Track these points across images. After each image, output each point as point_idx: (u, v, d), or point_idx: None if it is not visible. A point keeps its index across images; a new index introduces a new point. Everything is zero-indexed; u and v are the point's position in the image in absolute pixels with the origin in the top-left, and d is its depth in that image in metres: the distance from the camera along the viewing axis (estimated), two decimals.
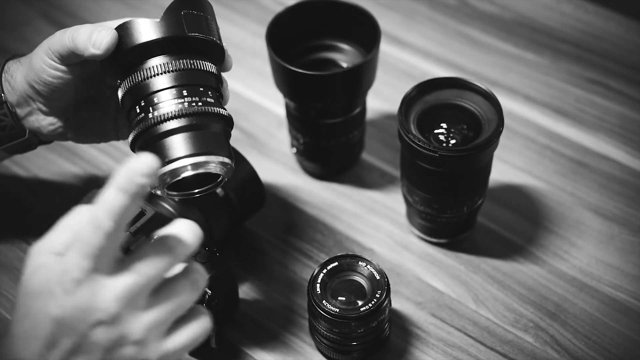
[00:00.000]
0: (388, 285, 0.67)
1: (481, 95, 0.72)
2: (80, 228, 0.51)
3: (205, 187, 0.63)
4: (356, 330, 0.67)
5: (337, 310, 0.66)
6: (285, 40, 0.77)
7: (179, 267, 0.53)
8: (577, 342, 0.72)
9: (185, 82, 0.60)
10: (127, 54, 0.60)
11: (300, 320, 0.73)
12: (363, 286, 0.68)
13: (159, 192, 0.61)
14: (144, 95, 0.60)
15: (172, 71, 0.60)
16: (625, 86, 0.91)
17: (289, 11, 0.77)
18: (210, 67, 0.62)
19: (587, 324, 0.73)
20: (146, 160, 0.49)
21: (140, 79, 0.60)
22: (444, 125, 0.72)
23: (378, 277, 0.68)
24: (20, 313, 0.52)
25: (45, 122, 0.68)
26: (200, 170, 0.59)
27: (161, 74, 0.60)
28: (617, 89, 0.91)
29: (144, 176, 0.49)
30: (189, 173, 0.59)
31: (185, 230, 0.53)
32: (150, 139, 0.59)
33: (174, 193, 0.62)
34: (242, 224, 0.78)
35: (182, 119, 0.59)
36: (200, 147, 0.58)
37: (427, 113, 0.72)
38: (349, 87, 0.75)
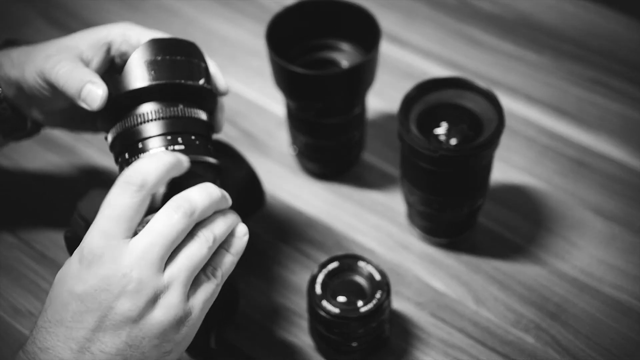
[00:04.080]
0: (388, 285, 0.67)
1: (482, 95, 0.72)
2: (111, 195, 0.54)
3: None
4: (356, 331, 0.67)
5: (337, 310, 0.66)
6: (285, 40, 0.76)
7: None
8: (578, 343, 0.72)
9: (168, 131, 0.60)
10: (117, 100, 0.60)
11: (300, 320, 0.73)
12: (363, 286, 0.68)
13: None
14: (134, 140, 0.60)
15: (162, 118, 0.60)
16: (626, 86, 0.91)
17: (289, 11, 0.77)
18: (201, 114, 0.62)
19: (588, 325, 0.73)
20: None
21: (130, 124, 0.60)
22: (444, 125, 0.72)
23: (378, 278, 0.68)
24: (45, 307, 0.54)
25: (41, 117, 0.69)
26: None
27: (151, 120, 0.60)
28: (619, 88, 0.91)
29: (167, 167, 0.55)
30: None
31: (197, 190, 0.57)
32: None
33: None
34: None
35: None
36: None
37: (427, 113, 0.71)
38: (349, 87, 0.74)
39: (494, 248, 0.78)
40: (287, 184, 0.84)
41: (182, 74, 0.61)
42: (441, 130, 0.72)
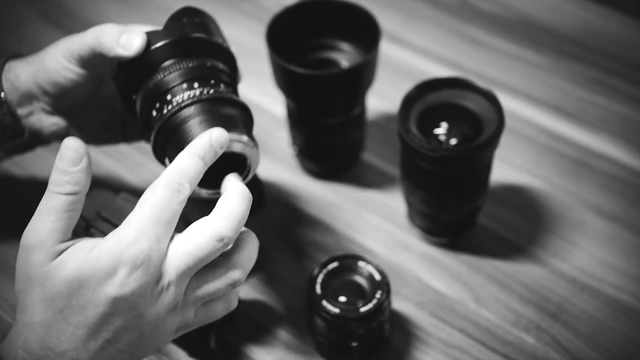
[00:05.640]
0: (388, 285, 0.67)
1: (482, 94, 0.72)
2: (152, 196, 0.53)
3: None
4: (356, 331, 0.66)
5: (337, 310, 0.66)
6: (285, 40, 0.76)
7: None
8: (579, 343, 0.72)
9: (196, 76, 0.61)
10: (140, 59, 0.61)
11: (300, 320, 0.73)
12: (363, 286, 0.68)
13: (197, 195, 0.60)
14: (157, 96, 0.61)
15: (182, 69, 0.61)
16: (627, 85, 0.91)
17: (289, 11, 0.77)
18: (220, 65, 0.63)
19: (588, 325, 0.73)
20: (222, 132, 0.55)
21: (152, 85, 0.61)
22: (444, 125, 0.72)
23: (378, 278, 0.67)
24: (54, 303, 0.53)
25: (47, 122, 0.68)
26: None
27: (172, 72, 0.60)
28: (619, 88, 0.91)
29: (220, 144, 0.55)
30: None
31: (240, 213, 0.55)
32: (168, 133, 0.59)
33: (205, 191, 0.61)
34: None
35: (196, 105, 0.59)
36: (215, 126, 0.58)
37: (427, 113, 0.71)
38: (349, 86, 0.74)
39: (494, 248, 0.78)
40: (287, 184, 0.84)
41: (205, 32, 0.62)
42: (441, 130, 0.72)
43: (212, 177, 0.58)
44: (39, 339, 0.53)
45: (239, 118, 0.61)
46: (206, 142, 0.55)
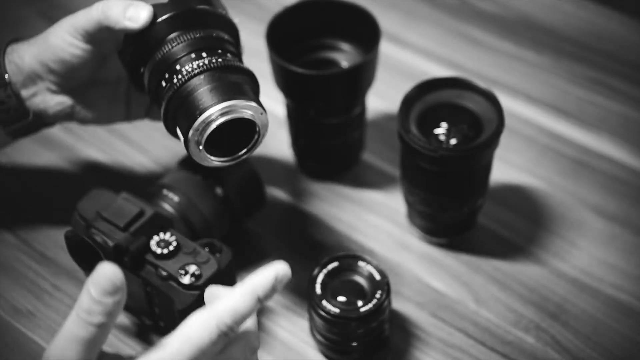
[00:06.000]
0: (388, 285, 0.67)
1: (481, 94, 0.72)
2: (199, 334, 0.51)
3: (248, 144, 0.62)
4: (356, 331, 0.67)
5: (337, 310, 0.66)
6: (285, 40, 0.76)
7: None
8: (579, 343, 0.72)
9: (203, 46, 0.62)
10: (146, 32, 0.62)
11: (300, 320, 0.73)
12: (363, 286, 0.68)
13: (201, 159, 0.61)
14: (166, 67, 0.61)
15: (189, 39, 0.62)
16: (627, 86, 0.91)
17: (289, 11, 0.77)
18: (225, 35, 0.64)
19: (588, 325, 0.73)
20: (287, 270, 0.52)
21: (160, 56, 0.62)
22: (444, 125, 0.72)
23: (378, 277, 0.67)
24: None
25: (53, 101, 0.69)
26: (230, 116, 0.59)
27: (180, 44, 0.61)
28: (619, 88, 0.91)
29: (283, 285, 0.52)
30: (219, 121, 0.59)
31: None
32: (178, 104, 0.60)
33: (217, 159, 0.61)
34: (242, 224, 0.77)
35: (205, 74, 0.60)
36: (225, 94, 0.59)
37: (427, 113, 0.71)
38: (349, 86, 0.74)
39: (494, 248, 0.78)
40: (287, 184, 0.84)
41: (210, 4, 0.64)
42: (441, 130, 0.72)
43: (223, 144, 0.60)
44: None
45: (247, 85, 0.62)
46: (269, 283, 0.52)
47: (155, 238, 0.65)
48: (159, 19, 0.62)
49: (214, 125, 0.59)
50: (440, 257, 0.78)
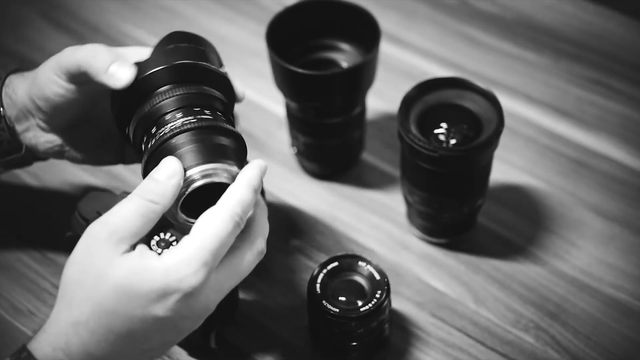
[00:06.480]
0: (388, 285, 0.67)
1: (481, 95, 0.72)
2: (216, 227, 0.53)
3: None
4: (356, 330, 0.67)
5: (337, 310, 0.66)
6: (285, 40, 0.76)
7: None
8: (578, 343, 0.72)
9: (191, 103, 0.60)
10: (134, 85, 0.60)
11: (300, 320, 0.73)
12: (363, 286, 0.68)
13: (174, 218, 0.60)
14: (151, 122, 0.60)
15: (176, 95, 0.60)
16: (626, 86, 0.91)
17: (289, 11, 0.77)
18: (214, 92, 0.62)
19: (587, 324, 0.73)
20: (263, 162, 0.57)
21: (146, 110, 0.60)
22: (444, 125, 0.72)
23: (378, 277, 0.68)
24: (102, 306, 0.53)
25: (43, 139, 0.68)
26: (209, 180, 0.57)
27: (166, 99, 0.60)
28: (618, 88, 0.91)
29: (264, 174, 0.57)
30: (198, 183, 0.57)
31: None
32: (159, 160, 0.58)
33: (184, 217, 0.59)
34: None
35: (188, 133, 0.58)
36: (208, 156, 0.58)
37: (427, 113, 0.71)
38: (349, 87, 0.75)
39: (493, 248, 0.79)
40: (287, 184, 0.84)
41: (200, 57, 0.62)
42: (441, 130, 0.72)
43: (195, 204, 0.58)
44: (82, 343, 0.53)
45: (230, 148, 0.60)
46: (258, 174, 0.56)
47: (156, 238, 0.64)
48: (149, 72, 0.60)
49: (194, 186, 0.57)
50: (440, 257, 0.78)
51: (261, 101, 0.91)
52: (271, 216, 0.81)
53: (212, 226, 0.54)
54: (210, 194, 0.57)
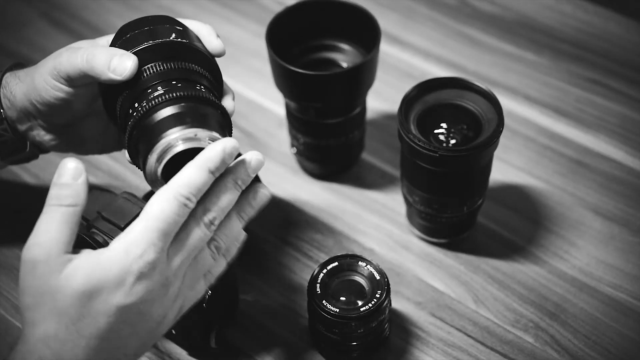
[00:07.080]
0: (388, 285, 0.67)
1: (481, 95, 0.72)
2: (159, 208, 0.54)
3: None
4: (356, 330, 0.67)
5: (337, 310, 0.66)
6: (285, 40, 0.77)
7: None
8: (577, 342, 0.72)
9: (175, 77, 0.60)
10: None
11: (300, 320, 0.73)
12: (363, 286, 0.68)
13: (155, 186, 0.59)
14: (135, 96, 0.60)
15: (161, 70, 0.60)
16: (625, 86, 0.91)
17: (289, 11, 0.77)
18: (200, 69, 0.62)
19: (587, 324, 0.73)
20: (234, 143, 0.55)
21: (132, 85, 0.60)
22: (444, 125, 0.72)
23: (378, 277, 0.68)
24: (66, 315, 0.53)
25: (47, 137, 0.69)
26: (191, 145, 0.57)
27: (151, 74, 0.60)
28: (617, 88, 0.91)
29: (232, 156, 0.55)
30: (179, 147, 0.57)
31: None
32: (142, 129, 0.59)
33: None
34: None
35: (172, 102, 0.58)
36: (190, 122, 0.58)
37: (427, 113, 0.72)
38: (349, 87, 0.75)
39: (493, 248, 0.79)
40: (287, 184, 0.84)
41: (182, 37, 0.62)
42: (441, 130, 0.72)
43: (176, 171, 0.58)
44: (54, 354, 0.53)
45: (213, 119, 0.60)
46: (218, 155, 0.55)
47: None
48: (136, 49, 0.61)
49: (174, 151, 0.57)
50: (440, 257, 0.78)
51: (261, 101, 0.92)
52: (271, 216, 0.81)
53: (155, 207, 0.54)
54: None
